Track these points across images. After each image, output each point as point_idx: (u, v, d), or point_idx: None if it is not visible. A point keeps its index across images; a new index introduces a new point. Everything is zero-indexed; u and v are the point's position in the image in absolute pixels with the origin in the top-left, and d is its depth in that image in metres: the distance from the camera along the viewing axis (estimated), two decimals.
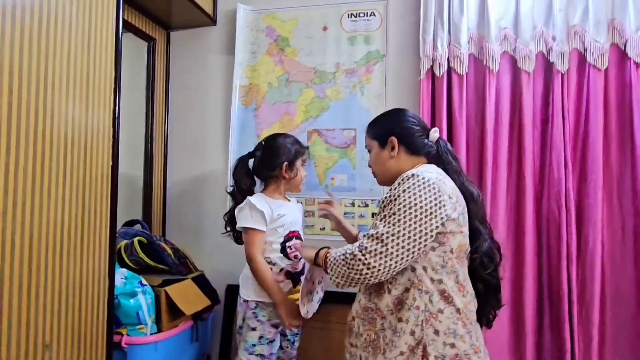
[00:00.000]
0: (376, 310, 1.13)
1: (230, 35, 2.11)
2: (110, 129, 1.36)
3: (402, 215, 1.05)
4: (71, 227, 1.21)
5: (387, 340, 1.09)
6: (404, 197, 1.06)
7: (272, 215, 1.53)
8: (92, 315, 1.30)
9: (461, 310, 1.09)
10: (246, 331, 1.51)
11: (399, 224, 1.04)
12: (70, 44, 1.20)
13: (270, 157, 1.57)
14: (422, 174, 1.10)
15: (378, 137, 1.27)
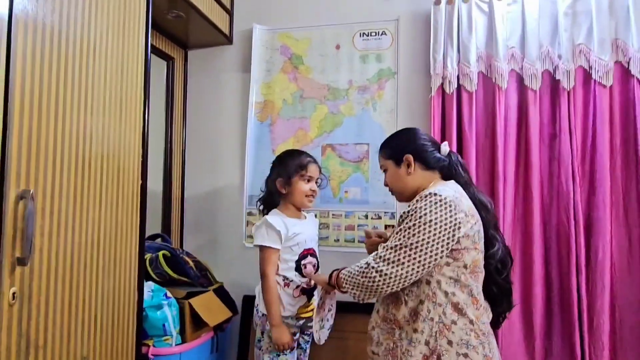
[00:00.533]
0: (394, 321, 1.19)
1: (245, 53, 2.19)
2: (140, 149, 1.43)
3: (418, 229, 1.12)
4: (105, 244, 1.27)
5: (404, 350, 1.15)
6: (420, 214, 1.13)
7: (287, 234, 1.57)
8: (123, 327, 1.36)
9: (474, 322, 1.15)
10: (268, 343, 1.56)
11: (414, 237, 1.11)
12: (106, 69, 1.27)
13: (270, 174, 1.66)
14: (440, 192, 1.16)
15: (393, 157, 1.33)
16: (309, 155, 1.67)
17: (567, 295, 1.73)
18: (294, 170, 1.60)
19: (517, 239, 1.82)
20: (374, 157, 2.01)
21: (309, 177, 1.61)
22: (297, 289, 1.58)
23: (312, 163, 1.64)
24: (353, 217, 2.02)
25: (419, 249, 1.11)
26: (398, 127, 1.97)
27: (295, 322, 1.59)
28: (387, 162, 1.34)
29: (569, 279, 1.73)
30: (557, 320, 1.77)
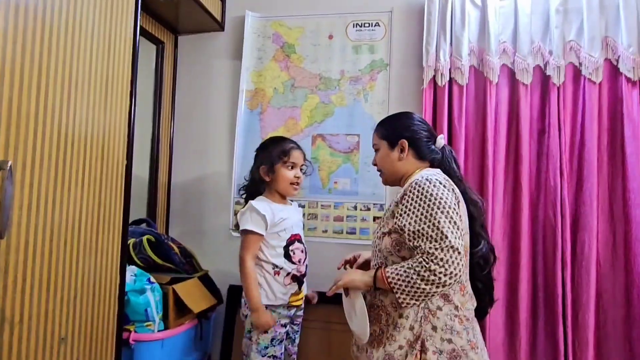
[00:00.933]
0: (382, 307, 1.20)
1: (237, 41, 2.16)
2: (126, 129, 1.40)
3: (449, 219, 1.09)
4: (87, 223, 1.24)
5: (388, 335, 1.16)
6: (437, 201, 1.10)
7: (273, 219, 1.56)
8: (104, 310, 1.33)
9: (459, 307, 1.16)
10: (258, 334, 1.54)
11: (454, 227, 1.09)
12: (92, 47, 1.24)
13: (254, 163, 1.66)
14: (430, 177, 1.16)
15: (388, 138, 1.32)
16: (292, 142, 1.66)
17: (551, 291, 1.75)
18: (276, 157, 1.59)
19: (505, 233, 1.82)
20: (364, 148, 2.00)
21: (292, 164, 1.60)
22: (287, 276, 1.56)
23: (295, 149, 1.62)
24: (342, 208, 2.01)
25: (460, 234, 1.10)
26: None
27: (287, 312, 1.58)
28: (381, 142, 1.34)
29: (554, 274, 1.74)
30: (542, 316, 1.78)
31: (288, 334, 1.64)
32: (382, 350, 1.16)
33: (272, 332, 1.54)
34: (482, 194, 1.80)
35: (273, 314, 1.55)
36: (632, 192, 1.69)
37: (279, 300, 1.55)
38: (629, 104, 1.73)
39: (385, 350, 1.15)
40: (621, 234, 1.72)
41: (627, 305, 1.69)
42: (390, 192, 1.95)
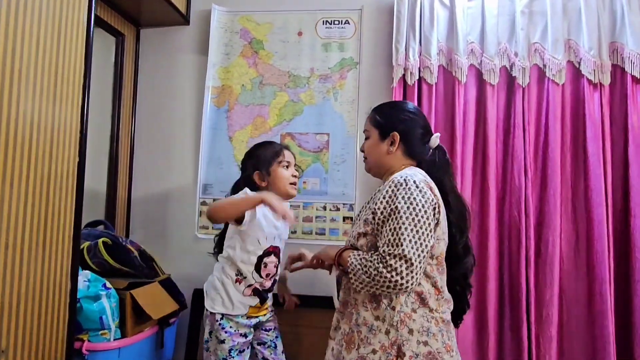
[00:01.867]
0: (354, 305, 1.15)
1: (203, 35, 2.09)
2: (78, 124, 1.31)
3: (413, 226, 1.05)
4: (33, 224, 1.14)
5: (362, 336, 1.11)
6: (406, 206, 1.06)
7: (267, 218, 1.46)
8: (52, 319, 1.23)
9: (435, 310, 1.12)
10: (215, 344, 1.46)
11: (416, 236, 1.05)
12: (40, 33, 1.15)
13: (243, 172, 1.57)
14: (411, 177, 1.11)
15: (381, 127, 1.24)
16: (279, 143, 1.62)
17: (516, 289, 1.76)
18: (271, 159, 1.51)
19: (474, 233, 1.83)
20: (334, 147, 1.97)
21: (287, 163, 1.53)
22: (248, 288, 1.48)
23: (287, 149, 1.58)
24: (311, 208, 1.97)
25: (423, 246, 1.06)
26: (359, 118, 1.95)
27: (247, 321, 1.50)
28: (373, 130, 1.26)
29: (519, 272, 1.76)
30: (508, 314, 1.79)
31: (262, 342, 1.56)
32: (355, 352, 1.11)
33: (229, 343, 1.45)
34: None
35: (230, 322, 1.47)
36: (593, 192, 1.73)
37: (236, 309, 1.47)
38: (591, 106, 1.78)
39: (359, 353, 1.10)
40: (583, 233, 1.76)
41: (589, 302, 1.73)
42: (360, 192, 1.93)
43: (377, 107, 1.31)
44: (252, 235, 1.45)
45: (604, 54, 1.78)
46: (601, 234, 1.70)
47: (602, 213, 1.71)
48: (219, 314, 1.47)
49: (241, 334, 1.48)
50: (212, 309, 1.48)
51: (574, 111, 1.82)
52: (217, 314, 1.47)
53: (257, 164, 1.52)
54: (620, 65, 1.78)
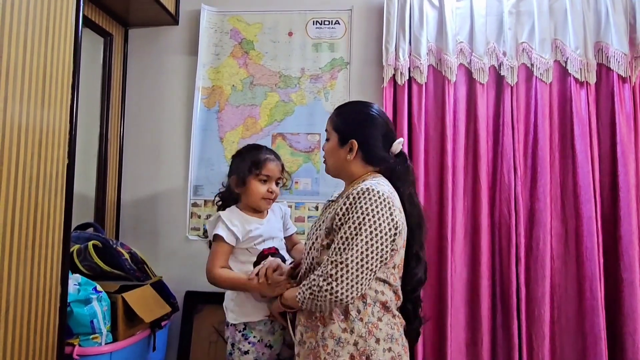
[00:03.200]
0: (320, 318, 1.12)
1: (192, 35, 2.07)
2: (67, 125, 1.29)
3: (362, 237, 1.04)
4: (22, 227, 1.12)
5: (329, 350, 1.09)
6: (362, 218, 1.05)
7: (243, 235, 1.42)
8: (43, 323, 1.21)
9: (397, 315, 1.16)
10: (238, 356, 1.40)
11: (361, 247, 1.04)
12: (27, 33, 1.13)
13: (228, 173, 1.53)
14: (375, 187, 1.09)
15: (340, 132, 1.21)
16: (269, 152, 1.50)
17: (507, 287, 1.78)
18: (247, 169, 1.43)
19: (466, 231, 1.84)
20: None
21: (265, 177, 1.44)
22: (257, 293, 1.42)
23: (271, 161, 1.46)
24: (303, 209, 1.97)
25: (369, 257, 1.05)
26: None
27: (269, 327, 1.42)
28: (333, 133, 1.23)
29: (509, 270, 1.77)
30: (500, 312, 1.80)
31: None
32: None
33: (252, 354, 1.39)
34: (442, 192, 1.83)
35: (253, 332, 1.41)
36: (582, 188, 1.76)
37: (254, 315, 1.40)
38: (578, 104, 1.81)
39: None
40: (572, 229, 1.79)
41: (579, 299, 1.75)
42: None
43: (340, 108, 1.28)
44: (238, 251, 1.43)
45: (589, 53, 1.81)
46: (590, 231, 1.73)
47: (590, 209, 1.74)
48: (240, 324, 1.41)
49: (266, 345, 1.40)
50: (234, 320, 1.42)
51: (562, 109, 1.85)
52: (239, 324, 1.41)
53: (236, 169, 1.47)
54: (606, 64, 1.81)
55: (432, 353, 1.80)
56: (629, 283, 1.70)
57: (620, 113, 1.76)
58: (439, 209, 1.83)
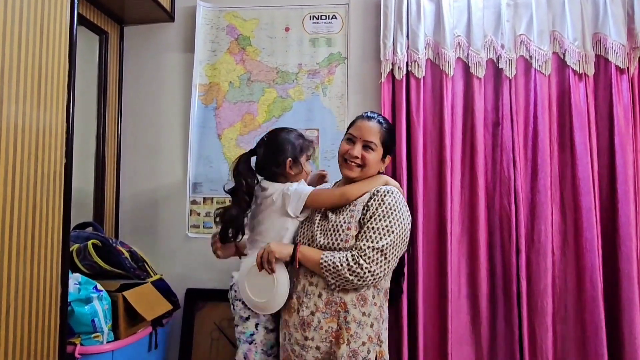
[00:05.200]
0: (340, 304, 1.25)
1: (188, 32, 2.06)
2: (64, 125, 1.28)
3: (394, 228, 1.25)
4: (21, 227, 1.11)
5: (352, 332, 1.24)
6: (392, 212, 1.26)
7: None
8: (43, 323, 1.21)
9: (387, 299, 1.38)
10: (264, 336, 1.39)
11: (394, 236, 1.24)
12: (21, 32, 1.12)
13: (274, 153, 1.40)
14: (395, 189, 1.32)
15: (386, 147, 1.37)
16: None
17: (509, 280, 1.78)
18: (300, 150, 1.42)
19: (464, 224, 1.85)
20: (324, 142, 1.97)
21: (309, 156, 1.47)
22: None
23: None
24: None
25: (399, 246, 1.27)
26: (348, 113, 1.96)
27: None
28: (379, 147, 1.35)
29: (510, 262, 1.78)
30: (501, 305, 1.81)
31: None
32: (346, 347, 1.23)
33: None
34: (440, 185, 1.83)
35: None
36: (581, 180, 1.76)
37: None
38: (576, 96, 1.80)
39: (350, 347, 1.23)
40: (572, 221, 1.79)
41: (580, 290, 1.76)
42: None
43: (386, 122, 1.40)
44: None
45: (587, 44, 1.81)
46: (590, 222, 1.73)
47: (590, 201, 1.74)
48: None
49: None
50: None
51: (560, 101, 1.84)
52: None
53: (292, 152, 1.41)
54: (604, 55, 1.80)
55: (433, 346, 1.80)
56: (626, 274, 1.70)
57: (618, 104, 1.76)
58: (438, 203, 1.83)
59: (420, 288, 1.78)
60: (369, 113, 1.41)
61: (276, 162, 1.39)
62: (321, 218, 1.35)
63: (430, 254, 1.83)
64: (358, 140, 1.34)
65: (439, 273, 1.81)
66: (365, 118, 1.38)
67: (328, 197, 1.36)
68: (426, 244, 1.83)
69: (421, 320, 1.77)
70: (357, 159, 1.33)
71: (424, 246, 1.82)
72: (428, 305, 1.81)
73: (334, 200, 1.34)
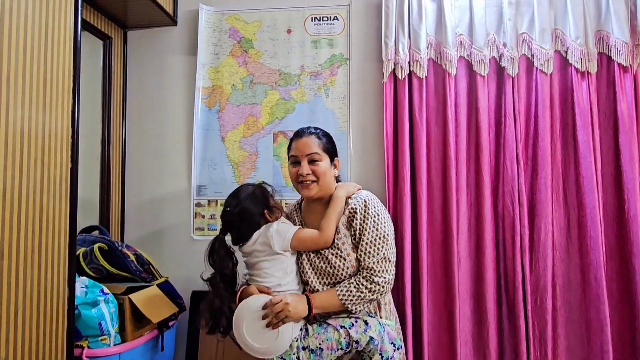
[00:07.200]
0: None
1: (191, 35, 2.07)
2: (69, 130, 1.29)
3: (387, 231, 1.32)
4: (28, 232, 1.13)
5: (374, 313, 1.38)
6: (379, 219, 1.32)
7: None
8: (51, 327, 1.22)
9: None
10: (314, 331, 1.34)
11: (389, 242, 1.32)
12: (27, 40, 1.13)
13: (249, 219, 1.36)
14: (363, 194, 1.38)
15: (330, 153, 1.39)
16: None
17: (512, 278, 1.78)
18: (268, 199, 1.41)
19: (470, 223, 1.84)
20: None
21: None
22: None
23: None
24: None
25: (392, 244, 1.34)
26: (351, 114, 1.97)
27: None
28: (324, 155, 1.37)
29: (514, 261, 1.77)
30: (505, 303, 1.80)
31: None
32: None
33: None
34: (445, 185, 1.83)
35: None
36: (584, 179, 1.76)
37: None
38: (579, 94, 1.80)
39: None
40: (575, 219, 1.79)
41: (584, 287, 1.75)
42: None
43: (323, 132, 1.42)
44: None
45: (590, 42, 1.80)
46: (594, 220, 1.73)
47: (593, 199, 1.74)
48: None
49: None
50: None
51: (563, 100, 1.84)
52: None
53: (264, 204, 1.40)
54: (606, 53, 1.80)
55: (440, 345, 1.80)
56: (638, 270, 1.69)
57: (621, 102, 1.75)
58: (442, 202, 1.83)
59: (424, 288, 1.78)
60: (299, 130, 1.42)
61: (256, 224, 1.36)
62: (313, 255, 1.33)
63: (435, 254, 1.83)
64: (302, 159, 1.34)
65: (444, 272, 1.81)
66: (298, 136, 1.39)
67: (312, 244, 1.33)
68: (431, 243, 1.82)
69: (425, 320, 1.77)
70: (309, 175, 1.33)
71: (430, 246, 1.82)
72: (434, 304, 1.81)
73: (318, 246, 1.32)
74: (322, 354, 1.27)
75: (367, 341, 1.27)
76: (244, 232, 1.36)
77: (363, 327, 1.28)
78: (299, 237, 1.33)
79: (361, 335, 1.27)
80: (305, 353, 1.27)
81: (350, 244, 1.31)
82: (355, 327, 1.28)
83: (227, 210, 1.37)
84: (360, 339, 1.27)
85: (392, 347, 1.30)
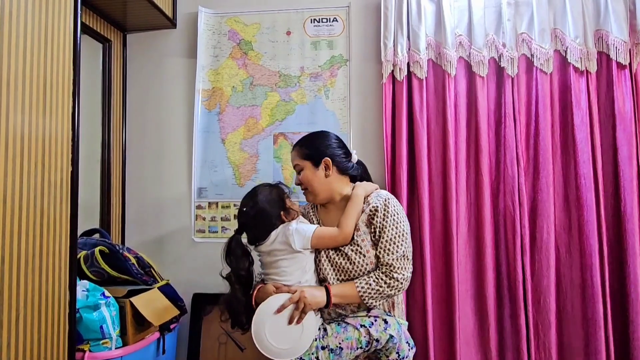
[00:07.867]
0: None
1: (191, 38, 2.07)
2: (70, 133, 1.29)
3: (405, 229, 1.34)
4: (29, 235, 1.12)
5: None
6: (398, 218, 1.34)
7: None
8: (52, 330, 1.22)
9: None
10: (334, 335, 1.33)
11: (407, 237, 1.35)
12: (25, 42, 1.13)
13: (265, 221, 1.36)
14: (383, 193, 1.40)
15: (311, 158, 1.40)
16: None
17: (514, 278, 1.78)
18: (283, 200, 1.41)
19: (470, 224, 1.84)
20: None
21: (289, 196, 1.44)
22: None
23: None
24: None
25: (410, 243, 1.36)
26: (351, 115, 1.97)
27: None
28: (304, 162, 1.40)
29: (515, 261, 1.77)
30: (507, 303, 1.80)
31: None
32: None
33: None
34: (445, 186, 1.82)
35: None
36: (583, 177, 1.76)
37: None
38: (577, 93, 1.80)
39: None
40: (575, 218, 1.78)
41: (583, 287, 1.75)
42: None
43: (298, 142, 1.46)
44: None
45: (589, 41, 1.80)
46: (592, 219, 1.73)
47: (591, 198, 1.74)
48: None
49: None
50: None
51: (562, 99, 1.84)
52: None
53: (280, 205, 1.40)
54: (606, 52, 1.80)
55: (441, 345, 1.80)
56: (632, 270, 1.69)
57: (620, 101, 1.75)
58: (442, 203, 1.83)
59: (427, 288, 1.78)
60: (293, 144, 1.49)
61: (272, 225, 1.36)
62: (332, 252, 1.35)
63: (435, 255, 1.83)
64: (295, 170, 1.45)
65: (444, 273, 1.81)
66: (291, 151, 1.48)
67: (331, 241, 1.35)
68: (432, 244, 1.82)
69: (430, 320, 1.77)
70: (300, 185, 1.43)
71: (431, 246, 1.82)
72: (436, 305, 1.81)
73: (337, 243, 1.34)
74: (341, 353, 1.28)
75: (387, 339, 1.29)
76: (260, 233, 1.38)
77: (383, 325, 1.30)
78: (318, 235, 1.35)
79: (381, 334, 1.28)
80: (325, 353, 1.28)
81: (370, 242, 1.33)
82: (375, 325, 1.29)
83: (243, 211, 1.39)
84: (381, 337, 1.28)
85: (407, 346, 1.33)
